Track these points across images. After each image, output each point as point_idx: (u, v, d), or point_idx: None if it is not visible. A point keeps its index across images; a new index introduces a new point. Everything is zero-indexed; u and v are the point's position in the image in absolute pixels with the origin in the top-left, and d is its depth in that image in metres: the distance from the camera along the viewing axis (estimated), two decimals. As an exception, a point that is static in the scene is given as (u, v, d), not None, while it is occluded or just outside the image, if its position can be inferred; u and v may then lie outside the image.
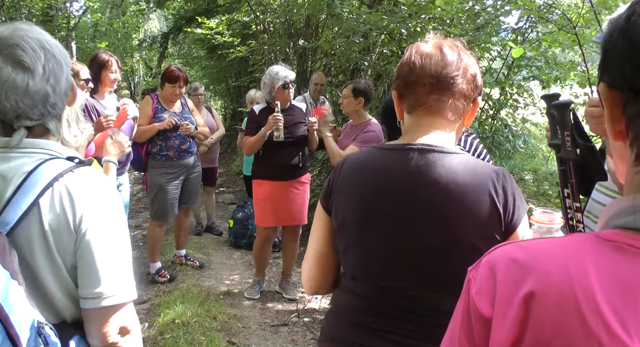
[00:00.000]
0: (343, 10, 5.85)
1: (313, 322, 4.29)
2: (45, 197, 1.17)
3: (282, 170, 4.39)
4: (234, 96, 13.93)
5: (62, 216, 1.18)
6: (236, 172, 10.24)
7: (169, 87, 4.67)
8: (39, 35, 1.22)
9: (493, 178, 1.32)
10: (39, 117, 1.22)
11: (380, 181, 1.38)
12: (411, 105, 1.41)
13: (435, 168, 1.32)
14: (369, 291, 1.41)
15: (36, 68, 1.18)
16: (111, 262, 1.22)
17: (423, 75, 1.37)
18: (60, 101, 1.27)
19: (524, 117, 6.85)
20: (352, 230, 1.42)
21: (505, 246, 0.72)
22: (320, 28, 8.12)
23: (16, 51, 1.16)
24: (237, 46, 9.18)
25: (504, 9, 4.75)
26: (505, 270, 0.67)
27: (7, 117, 1.19)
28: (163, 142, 4.64)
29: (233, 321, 4.22)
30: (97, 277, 1.20)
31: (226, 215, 7.33)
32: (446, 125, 1.40)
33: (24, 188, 1.17)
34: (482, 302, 0.67)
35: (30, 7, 10.28)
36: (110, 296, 1.20)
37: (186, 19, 12.29)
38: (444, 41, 1.43)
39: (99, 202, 1.23)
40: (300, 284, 5.05)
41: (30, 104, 1.19)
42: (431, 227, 1.31)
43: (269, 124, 4.20)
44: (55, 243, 1.18)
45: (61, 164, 1.23)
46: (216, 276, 5.28)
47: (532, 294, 0.62)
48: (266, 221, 4.57)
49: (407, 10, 5.28)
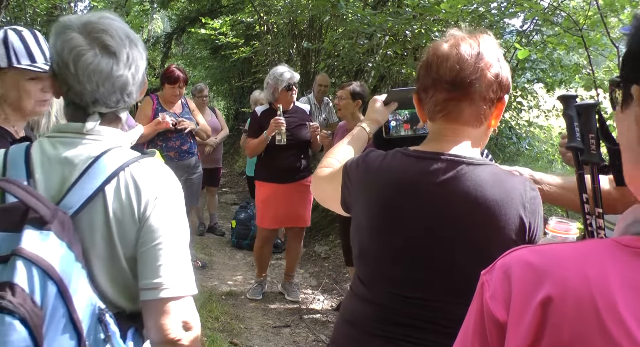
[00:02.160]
0: (348, 11, 5.84)
1: (315, 324, 4.28)
2: (111, 185, 1.18)
3: (284, 173, 4.37)
4: (236, 97, 13.94)
5: (127, 205, 1.18)
6: (239, 172, 10.24)
7: (168, 88, 4.61)
8: (123, 24, 1.25)
9: (521, 192, 1.30)
10: (114, 104, 1.25)
11: (405, 189, 1.33)
12: (431, 110, 1.35)
13: (464, 181, 1.28)
14: (383, 299, 1.37)
15: (121, 54, 1.20)
16: (172, 253, 1.21)
17: (439, 79, 1.31)
18: (136, 91, 1.28)
19: (529, 119, 6.84)
20: (368, 235, 1.38)
21: (519, 250, 0.70)
22: (324, 29, 8.11)
23: (104, 36, 1.18)
24: (241, 47, 9.17)
25: (509, 11, 4.74)
26: (520, 274, 0.66)
27: (83, 101, 1.21)
28: (163, 143, 4.61)
29: (235, 321, 4.22)
30: (157, 268, 1.18)
31: (229, 215, 7.33)
32: (470, 132, 1.35)
33: (88, 174, 1.18)
34: (497, 307, 0.66)
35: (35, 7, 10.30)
36: (169, 287, 1.18)
37: (190, 20, 12.30)
38: (465, 38, 1.34)
39: (163, 193, 1.23)
40: (302, 286, 5.05)
41: (110, 89, 1.21)
42: (456, 240, 1.28)
43: (271, 127, 4.18)
44: (117, 231, 1.18)
45: (127, 153, 1.24)
46: (218, 277, 5.28)
47: (550, 299, 0.61)
48: (266, 222, 4.57)
49: (411, 11, 5.27)
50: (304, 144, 4.43)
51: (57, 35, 1.20)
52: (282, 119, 4.16)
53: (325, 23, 7.96)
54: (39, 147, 1.23)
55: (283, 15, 8.09)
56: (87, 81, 1.18)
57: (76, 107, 1.24)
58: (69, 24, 1.20)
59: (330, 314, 4.47)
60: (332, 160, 1.63)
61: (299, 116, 4.44)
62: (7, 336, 0.98)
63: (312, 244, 6.15)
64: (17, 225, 1.07)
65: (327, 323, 4.30)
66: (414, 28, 5.40)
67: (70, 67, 1.17)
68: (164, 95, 4.70)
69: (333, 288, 5.05)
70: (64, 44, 1.17)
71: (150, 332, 1.20)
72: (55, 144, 1.23)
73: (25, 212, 1.08)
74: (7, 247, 1.06)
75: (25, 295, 1.00)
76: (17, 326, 0.98)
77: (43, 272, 1.03)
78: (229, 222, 6.68)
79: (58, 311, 1.04)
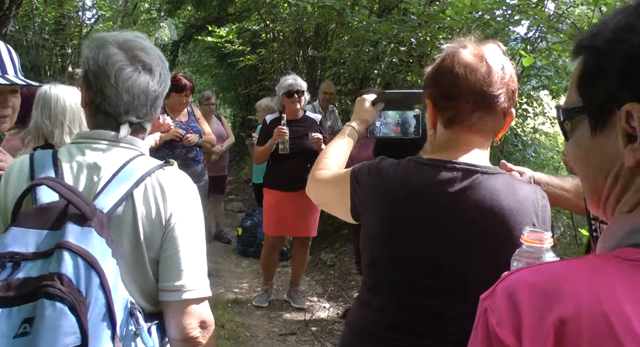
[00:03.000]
0: (353, 19, 5.87)
1: (321, 332, 4.28)
2: (139, 189, 1.26)
3: (289, 181, 4.37)
4: (243, 104, 13.96)
5: (155, 209, 1.27)
6: (245, 180, 10.25)
7: (175, 96, 4.60)
8: (154, 46, 1.38)
9: (534, 200, 1.31)
10: (143, 116, 1.35)
11: (419, 198, 1.32)
12: (450, 119, 1.34)
13: (479, 190, 1.28)
14: (393, 307, 1.36)
15: (156, 72, 1.33)
16: (193, 257, 1.30)
17: (468, 91, 1.29)
18: (160, 105, 1.40)
19: (534, 126, 6.82)
20: (380, 244, 1.37)
21: (519, 272, 0.69)
22: (330, 37, 8.14)
23: (142, 54, 1.31)
24: (247, 54, 9.20)
25: (514, 18, 4.74)
26: (527, 298, 0.64)
27: (117, 111, 1.30)
28: (170, 151, 4.61)
29: (241, 329, 4.22)
30: (180, 271, 1.27)
31: (235, 223, 7.33)
32: (483, 142, 1.36)
33: (117, 178, 1.26)
34: (505, 333, 0.64)
35: (44, 16, 10.37)
36: (191, 290, 1.28)
37: (197, 28, 12.35)
38: (486, 48, 1.34)
39: (187, 200, 1.33)
40: (308, 293, 5.05)
41: (143, 102, 1.32)
42: (470, 249, 1.28)
43: (274, 136, 4.23)
44: (144, 234, 1.26)
45: (150, 161, 1.34)
46: (224, 284, 5.28)
47: (563, 321, 0.59)
48: (271, 230, 4.59)
49: (417, 19, 5.29)
50: (310, 154, 4.42)
51: (98, 49, 1.29)
52: (285, 128, 4.19)
53: (331, 31, 7.99)
54: (67, 152, 1.31)
55: (289, 23, 8.13)
56: (126, 93, 1.28)
57: (107, 116, 1.32)
58: (109, 39, 1.31)
59: (336, 322, 4.46)
60: (328, 161, 1.63)
61: (307, 125, 4.46)
62: (58, 320, 1.05)
63: (318, 251, 6.15)
64: (57, 223, 1.15)
65: (333, 331, 4.30)
66: (419, 36, 5.42)
67: (112, 79, 1.27)
68: (170, 103, 4.71)
69: (339, 295, 5.05)
70: (108, 57, 1.27)
71: (171, 330, 1.30)
72: (84, 150, 1.31)
73: (64, 210, 1.16)
74: (49, 243, 1.13)
75: (72, 285, 1.08)
76: (67, 313, 1.06)
77: (87, 264, 1.10)
78: (235, 229, 6.69)
79: (99, 301, 1.11)
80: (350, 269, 5.52)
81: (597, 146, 0.70)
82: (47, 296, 1.06)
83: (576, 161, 0.76)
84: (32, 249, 1.12)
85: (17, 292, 1.07)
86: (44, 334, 1.05)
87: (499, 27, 4.84)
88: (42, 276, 1.09)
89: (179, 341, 1.30)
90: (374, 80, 7.19)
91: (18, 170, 1.31)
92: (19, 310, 1.07)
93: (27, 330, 1.06)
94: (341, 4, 5.56)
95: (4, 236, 1.14)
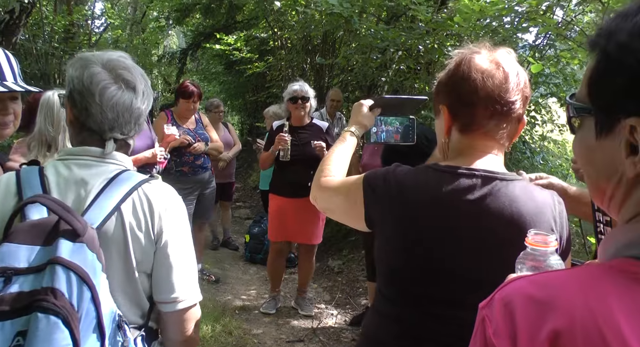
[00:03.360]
0: (361, 26, 5.88)
1: (329, 339, 4.26)
2: (127, 203, 1.31)
3: (293, 187, 4.39)
4: (250, 111, 14.02)
5: (143, 223, 1.32)
6: (253, 187, 10.26)
7: (183, 103, 4.66)
8: (137, 65, 1.43)
9: (551, 206, 1.30)
10: (127, 132, 1.39)
11: (439, 206, 1.30)
12: (466, 125, 1.33)
13: (499, 197, 1.27)
14: (411, 317, 1.34)
15: (139, 90, 1.37)
16: (184, 269, 1.38)
17: (486, 98, 1.28)
18: (143, 122, 1.43)
19: (543, 133, 6.80)
20: (399, 253, 1.34)
21: (516, 281, 0.69)
22: (338, 44, 8.16)
23: (127, 73, 1.35)
24: (255, 62, 9.26)
25: (522, 25, 4.74)
26: (522, 308, 0.64)
27: (101, 128, 1.34)
28: (177, 158, 4.64)
29: (249, 336, 4.21)
30: (172, 284, 1.36)
31: (242, 230, 7.34)
32: (499, 149, 1.36)
33: (105, 193, 1.30)
34: (502, 343, 0.64)
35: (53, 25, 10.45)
36: (184, 300, 1.37)
37: (205, 35, 12.43)
38: (500, 54, 1.33)
39: (174, 213, 1.38)
40: (316, 300, 5.04)
41: (128, 119, 1.36)
42: (491, 257, 1.26)
43: (275, 143, 4.27)
44: (133, 247, 1.31)
45: (136, 175, 1.37)
46: (232, 291, 5.28)
47: (557, 333, 0.60)
48: (275, 235, 4.61)
49: (424, 27, 5.30)
50: (313, 161, 4.42)
51: (83, 68, 1.33)
52: (287, 135, 4.22)
53: (338, 38, 8.01)
54: (53, 168, 1.34)
55: (297, 30, 8.16)
56: (110, 111, 1.32)
57: (92, 133, 1.36)
58: (93, 59, 1.35)
59: (344, 329, 4.45)
60: (332, 168, 1.62)
61: (312, 133, 4.45)
62: (52, 334, 1.08)
63: (326, 258, 6.14)
64: (48, 239, 1.18)
65: (341, 338, 4.28)
66: (427, 43, 5.42)
67: (96, 97, 1.30)
68: (178, 110, 4.74)
69: (347, 303, 5.03)
70: (92, 76, 1.31)
71: (171, 334, 1.42)
72: (70, 166, 1.34)
73: (55, 226, 1.19)
74: (40, 258, 1.16)
75: (64, 298, 1.11)
76: (61, 326, 1.09)
77: (80, 279, 1.13)
78: (242, 236, 6.70)
79: (90, 314, 1.15)
80: (358, 276, 5.50)
81: (602, 149, 0.70)
82: (41, 309, 1.09)
83: (580, 158, 0.76)
84: (24, 264, 1.14)
85: (10, 306, 1.10)
86: (39, 346, 1.08)
87: (507, 34, 4.84)
88: (35, 290, 1.12)
89: (178, 341, 1.44)
90: (382, 88, 7.19)
91: (4, 187, 1.32)
92: (11, 323, 1.09)
93: (21, 343, 1.09)
94: (349, 11, 5.57)
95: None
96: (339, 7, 5.50)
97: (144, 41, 14.89)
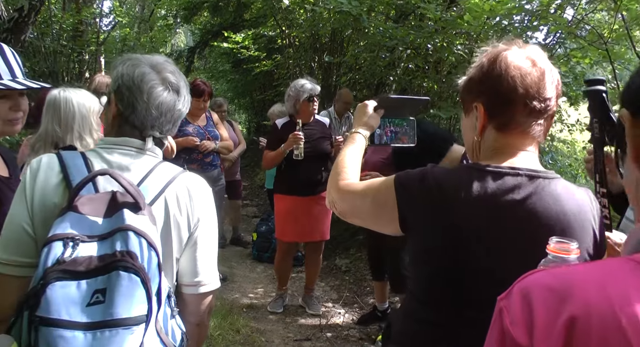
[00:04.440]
0: (370, 24, 5.87)
1: (336, 338, 4.25)
2: (170, 190, 1.39)
3: (304, 186, 4.36)
4: (258, 110, 14.03)
5: (185, 211, 1.41)
6: (259, 185, 10.27)
7: (194, 101, 4.65)
8: (178, 68, 1.50)
9: (589, 203, 1.30)
10: (165, 132, 1.47)
11: (485, 206, 1.26)
12: (504, 124, 1.31)
13: (543, 196, 1.26)
14: (455, 323, 1.29)
15: (182, 94, 1.46)
16: (210, 255, 1.48)
17: (525, 95, 1.26)
18: (179, 124, 1.52)
19: (552, 133, 6.77)
20: (443, 256, 1.29)
21: (535, 273, 0.70)
22: (346, 43, 8.15)
23: (172, 76, 1.44)
24: (263, 60, 9.24)
25: (533, 24, 4.72)
26: (541, 298, 0.65)
27: (143, 124, 1.42)
28: (187, 156, 4.66)
29: (256, 334, 4.21)
30: (198, 268, 1.45)
31: (249, 228, 7.34)
32: (535, 146, 1.34)
33: (149, 179, 1.38)
34: (518, 332, 0.65)
35: (62, 23, 10.48)
36: (206, 284, 1.47)
37: (212, 33, 12.44)
38: (533, 51, 1.32)
39: (208, 202, 1.48)
40: (323, 299, 5.03)
41: (169, 119, 1.45)
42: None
43: (289, 142, 4.18)
44: (174, 232, 1.39)
45: (174, 166, 1.47)
46: (239, 289, 5.28)
47: (574, 319, 0.60)
48: (287, 236, 4.56)
49: (433, 25, 5.28)
50: (324, 157, 4.42)
51: (133, 67, 1.41)
52: (301, 134, 4.16)
53: (347, 37, 8.00)
54: (96, 154, 1.41)
55: (305, 29, 8.14)
56: (155, 109, 1.40)
57: (133, 129, 1.43)
58: (143, 60, 1.43)
59: (351, 328, 4.44)
60: (348, 170, 1.57)
61: (319, 129, 4.45)
62: (134, 290, 1.16)
63: (333, 257, 6.13)
64: (109, 211, 1.25)
65: (349, 337, 4.27)
66: (436, 41, 5.40)
67: (144, 95, 1.38)
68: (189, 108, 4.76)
69: (354, 301, 5.02)
70: (143, 75, 1.39)
71: (189, 316, 1.49)
72: (113, 153, 1.41)
73: (113, 199, 1.27)
74: (104, 228, 1.23)
75: (139, 261, 1.19)
76: (140, 285, 1.17)
77: (149, 245, 1.22)
78: (249, 235, 6.70)
79: (155, 279, 1.22)
80: (365, 275, 5.49)
81: None
82: (123, 268, 1.16)
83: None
84: (88, 233, 1.22)
85: (85, 267, 1.17)
86: (121, 300, 1.14)
87: (517, 33, 4.81)
88: (107, 254, 1.19)
89: (193, 324, 1.50)
90: (390, 86, 7.18)
91: (46, 167, 1.36)
92: (87, 283, 1.16)
93: (101, 299, 1.15)
94: (358, 9, 5.55)
95: (63, 219, 1.23)
96: (348, 5, 5.48)
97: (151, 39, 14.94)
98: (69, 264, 1.16)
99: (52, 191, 1.32)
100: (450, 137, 2.49)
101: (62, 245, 1.18)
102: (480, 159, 1.37)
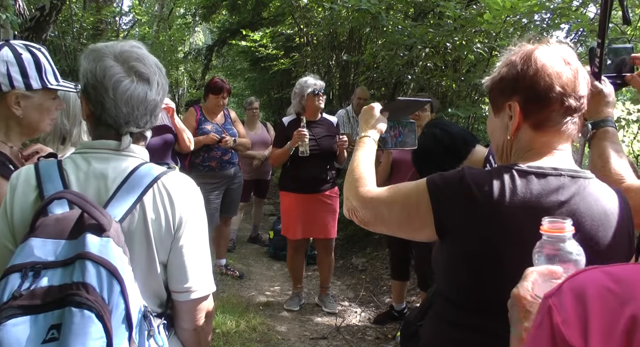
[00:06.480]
0: (388, 23, 5.84)
1: (352, 336, 4.24)
2: (148, 196, 1.31)
3: (309, 183, 4.38)
4: (275, 108, 14.04)
5: (164, 215, 1.33)
6: (276, 183, 10.28)
7: (212, 98, 4.75)
8: (150, 54, 1.40)
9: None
10: (143, 125, 1.38)
11: (529, 207, 1.22)
12: (541, 122, 1.29)
13: (586, 196, 1.25)
14: (498, 328, 1.19)
15: (153, 81, 1.35)
16: (199, 259, 1.40)
17: (562, 94, 1.25)
18: (159, 113, 1.42)
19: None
20: (485, 261, 1.26)
21: (589, 272, 0.68)
22: (364, 41, 8.11)
23: (140, 64, 1.33)
24: (280, 59, 9.25)
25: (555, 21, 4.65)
26: (599, 300, 0.63)
27: (117, 122, 1.34)
28: (206, 154, 4.72)
29: (272, 332, 4.22)
30: (187, 274, 1.37)
31: (266, 226, 7.36)
32: (570, 145, 1.33)
33: (126, 186, 1.31)
34: (571, 333, 0.63)
35: (82, 22, 10.57)
36: (197, 290, 1.39)
37: (231, 32, 12.45)
38: (564, 50, 1.31)
39: (193, 204, 1.39)
40: (339, 298, 5.02)
41: (143, 112, 1.35)
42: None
43: (293, 139, 4.20)
44: (155, 239, 1.32)
45: (155, 168, 1.37)
46: (256, 287, 5.29)
47: (635, 320, 0.58)
48: (292, 233, 4.57)
49: (452, 23, 5.23)
50: (330, 155, 4.43)
51: (95, 62, 1.31)
52: (305, 130, 4.17)
53: (365, 35, 7.96)
54: (71, 162, 1.34)
55: (323, 27, 8.12)
56: (124, 105, 1.31)
57: (108, 127, 1.35)
58: (105, 51, 1.33)
59: (367, 327, 4.43)
60: (367, 176, 1.53)
61: (325, 127, 4.46)
62: (87, 327, 1.10)
63: (349, 256, 6.12)
64: (74, 233, 1.19)
65: (365, 336, 4.26)
66: (455, 40, 5.35)
67: (110, 92, 1.29)
68: (207, 105, 4.82)
69: (370, 301, 5.01)
70: (105, 71, 1.30)
71: (183, 323, 1.44)
72: (89, 160, 1.34)
73: (79, 220, 1.20)
74: (67, 252, 1.17)
75: (96, 293, 1.13)
76: (94, 320, 1.11)
77: (109, 273, 1.15)
78: (266, 233, 6.72)
79: (119, 307, 1.16)
80: (382, 274, 5.47)
81: None
82: (75, 304, 1.11)
83: None
84: (51, 258, 1.17)
85: (42, 300, 1.12)
86: (74, 339, 1.10)
87: (538, 31, 4.75)
88: (66, 284, 1.14)
89: (188, 330, 1.46)
90: (408, 85, 7.14)
91: (24, 181, 1.32)
92: (44, 317, 1.12)
93: (56, 336, 1.11)
94: (376, 7, 5.52)
95: (24, 247, 1.18)
96: (366, 3, 5.45)
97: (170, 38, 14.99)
98: (25, 298, 1.12)
99: (30, 207, 1.28)
100: (472, 138, 2.43)
101: (20, 276, 1.14)
102: (511, 159, 1.35)
